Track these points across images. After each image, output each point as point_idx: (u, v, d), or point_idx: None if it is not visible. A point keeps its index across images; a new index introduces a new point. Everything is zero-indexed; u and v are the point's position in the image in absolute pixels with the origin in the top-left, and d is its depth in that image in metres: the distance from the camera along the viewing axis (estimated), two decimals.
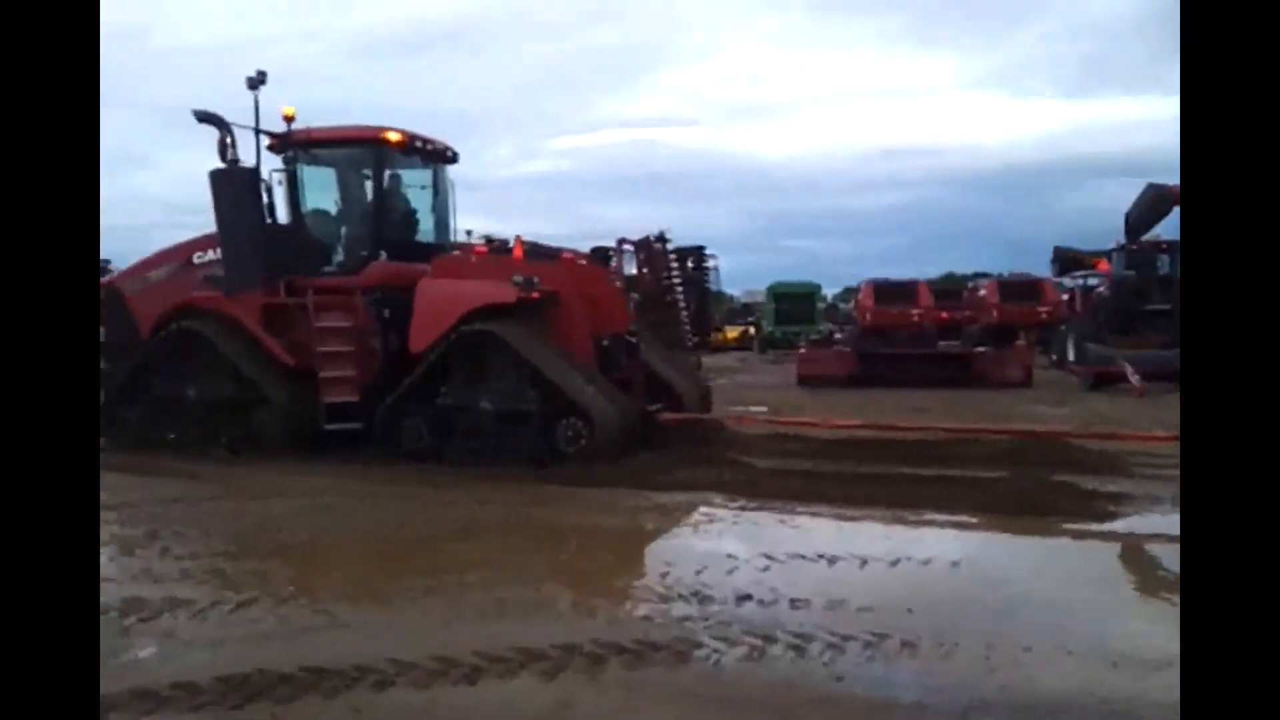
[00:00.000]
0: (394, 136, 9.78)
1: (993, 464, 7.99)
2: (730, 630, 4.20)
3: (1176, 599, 5.07)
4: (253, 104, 9.40)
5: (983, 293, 29.00)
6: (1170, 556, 5.59)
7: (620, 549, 6.18)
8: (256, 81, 9.32)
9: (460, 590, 4.92)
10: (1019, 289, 27.85)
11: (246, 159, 9.60)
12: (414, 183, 10.58)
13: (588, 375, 8.82)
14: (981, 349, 18.94)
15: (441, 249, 10.32)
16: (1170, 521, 6.28)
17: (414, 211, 10.58)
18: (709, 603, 4.64)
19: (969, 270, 52.11)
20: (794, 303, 34.18)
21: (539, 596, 4.82)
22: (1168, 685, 3.50)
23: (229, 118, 9.46)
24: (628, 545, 6.26)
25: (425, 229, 10.65)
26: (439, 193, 10.72)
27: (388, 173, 10.10)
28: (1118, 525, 6.32)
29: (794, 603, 4.59)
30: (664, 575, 5.14)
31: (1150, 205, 18.47)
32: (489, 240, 10.92)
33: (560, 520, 6.66)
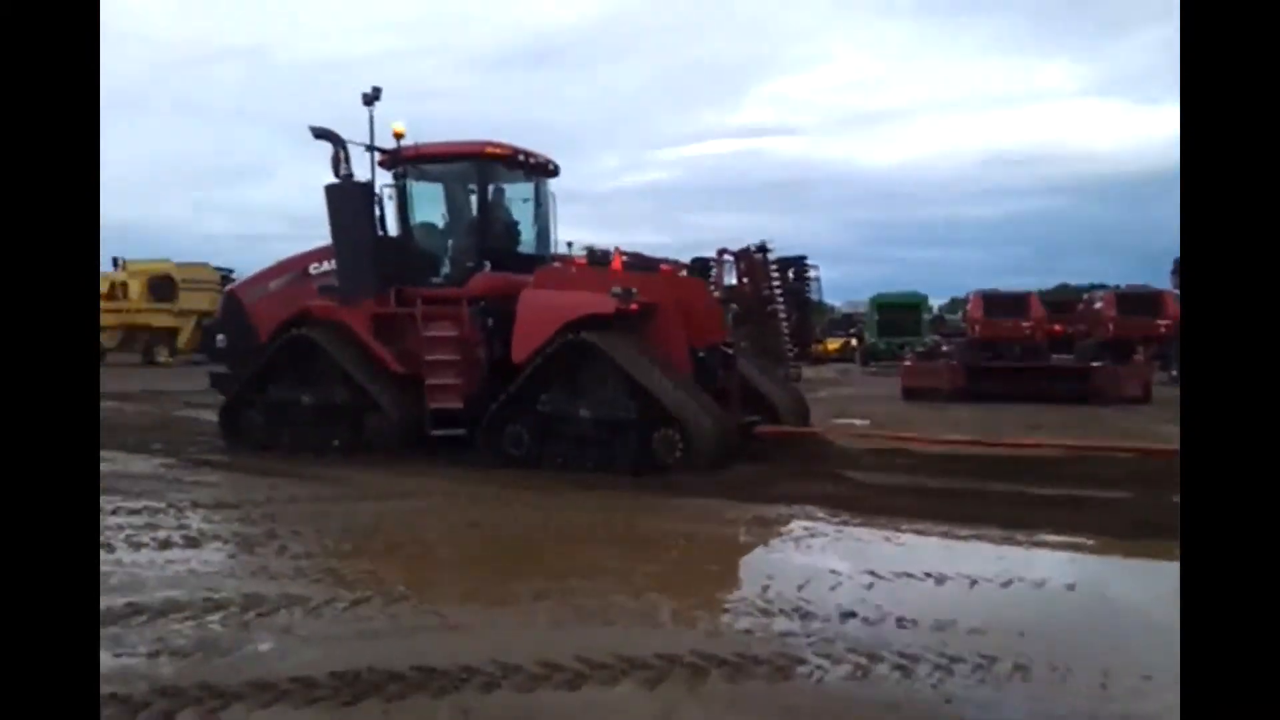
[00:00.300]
0: (498, 151, 10.02)
1: (1111, 484, 7.66)
2: (834, 647, 4.13)
3: None
4: (368, 119, 9.77)
5: (1099, 305, 27.89)
6: None
7: (720, 560, 6.15)
8: (371, 98, 9.69)
9: (564, 595, 4.98)
10: (1137, 302, 26.67)
11: (362, 173, 9.98)
12: (517, 195, 10.82)
13: (684, 386, 8.85)
14: (1097, 364, 18.21)
15: (543, 260, 10.51)
16: None
17: (517, 223, 10.81)
18: (811, 619, 4.57)
19: (1083, 282, 50.18)
20: (898, 314, 33.52)
21: (640, 605, 4.83)
22: None
23: (348, 131, 9.86)
24: (728, 557, 6.23)
25: (528, 240, 10.86)
26: (541, 205, 10.93)
27: (492, 186, 10.35)
28: None
29: (900, 622, 4.48)
30: (765, 589, 5.09)
31: None
32: (590, 251, 11.05)
33: (660, 529, 6.67)
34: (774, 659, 4.01)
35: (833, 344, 37.22)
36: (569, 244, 11.33)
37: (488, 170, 10.20)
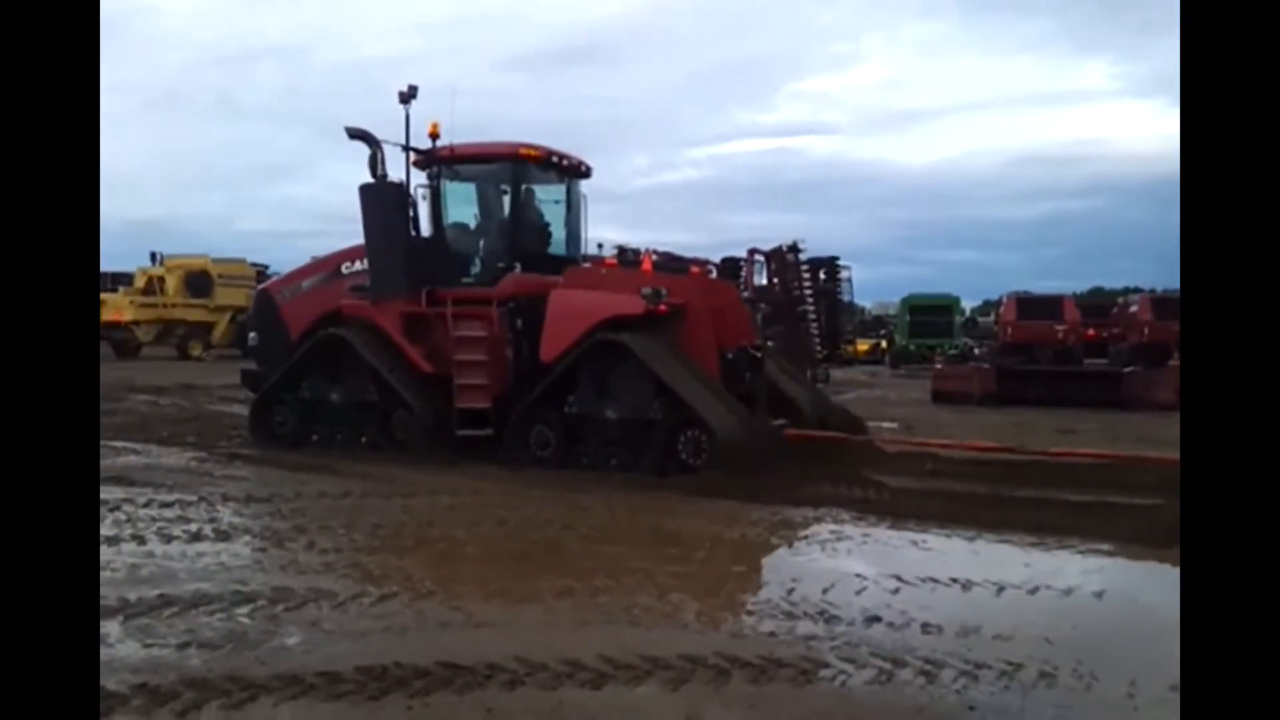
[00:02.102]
0: (532, 153, 10.06)
1: (1140, 491, 7.54)
2: (858, 651, 4.12)
3: None
4: (404, 118, 9.83)
5: (1134, 309, 27.47)
6: None
7: (746, 562, 6.15)
8: (408, 97, 9.76)
9: (589, 594, 5.00)
10: (1174, 306, 26.19)
11: (397, 172, 10.06)
12: (549, 197, 10.85)
13: (711, 388, 8.84)
14: (1131, 369, 17.97)
15: (573, 261, 10.54)
16: None
17: (548, 225, 10.84)
18: (836, 622, 4.56)
19: (1118, 285, 49.54)
20: (930, 316, 33.16)
21: (665, 605, 4.85)
22: None
23: (384, 130, 9.94)
24: (753, 559, 6.22)
25: (558, 241, 10.90)
26: (572, 206, 10.96)
27: (525, 188, 10.39)
28: None
29: (925, 627, 4.46)
30: (790, 591, 5.09)
31: None
32: (621, 251, 11.08)
33: (686, 530, 6.67)
34: (798, 662, 4.01)
35: (863, 345, 36.97)
36: (599, 245, 11.35)
37: (521, 172, 10.24)
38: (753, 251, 24.19)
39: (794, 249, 23.18)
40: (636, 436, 8.96)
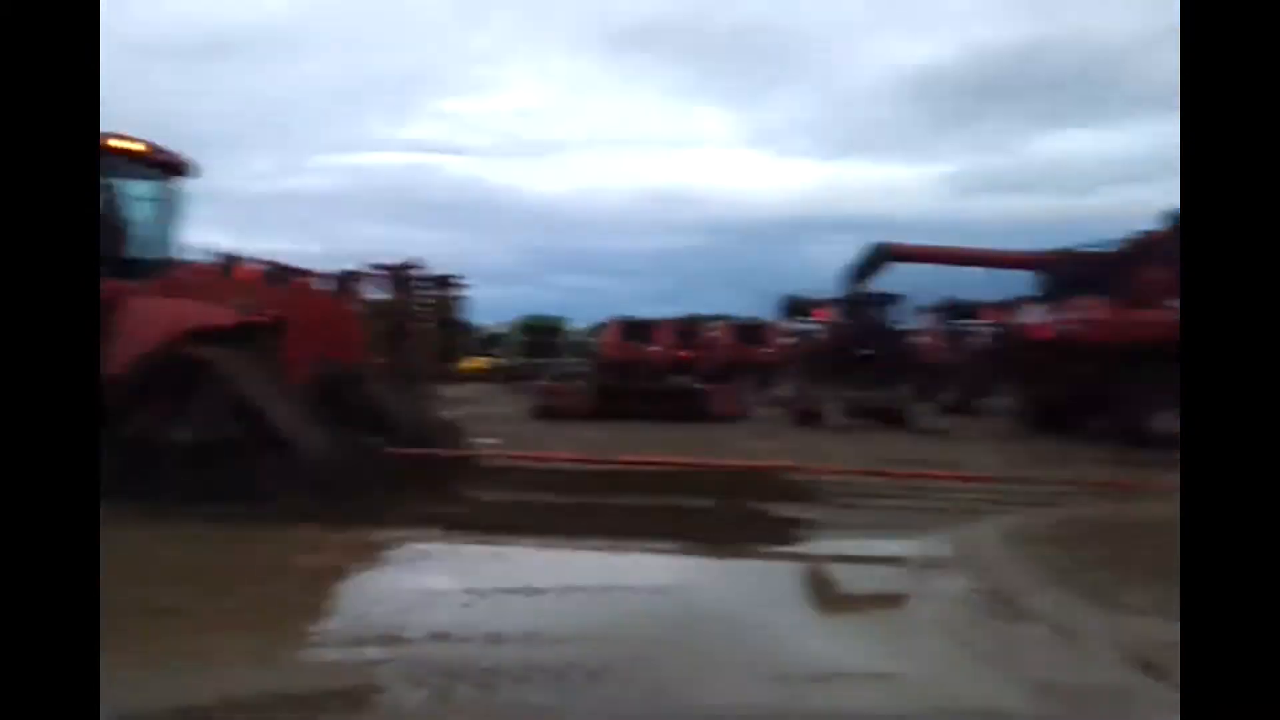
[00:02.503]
0: (121, 145, 8.87)
1: (701, 494, 8.35)
2: (417, 671, 4.05)
3: (850, 616, 5.55)
4: None
5: (716, 333, 30.75)
6: (851, 577, 6.13)
7: (320, 590, 5.81)
8: None
9: (120, 643, 4.41)
10: (747, 331, 29.85)
11: None
12: (141, 194, 9.65)
13: (303, 406, 8.35)
14: (702, 385, 20.12)
15: (161, 265, 9.44)
16: (854, 545, 6.92)
17: (133, 224, 9.61)
18: (401, 644, 4.45)
19: (711, 312, 55.07)
20: (540, 335, 34.57)
21: (215, 646, 4.41)
22: (824, 696, 3.80)
23: None
24: (329, 586, 5.90)
25: (149, 243, 9.69)
26: (167, 206, 9.82)
27: (109, 182, 9.12)
28: (808, 548, 6.79)
29: (490, 637, 4.51)
30: (362, 616, 4.92)
31: (870, 260, 20.23)
32: (226, 258, 10.15)
33: (259, 561, 6.21)
34: (354, 690, 3.86)
35: (477, 363, 37.40)
36: (201, 249, 10.31)
37: (106, 164, 8.97)
38: (372, 265, 23.63)
39: (412, 265, 23.04)
40: (212, 460, 8.17)
